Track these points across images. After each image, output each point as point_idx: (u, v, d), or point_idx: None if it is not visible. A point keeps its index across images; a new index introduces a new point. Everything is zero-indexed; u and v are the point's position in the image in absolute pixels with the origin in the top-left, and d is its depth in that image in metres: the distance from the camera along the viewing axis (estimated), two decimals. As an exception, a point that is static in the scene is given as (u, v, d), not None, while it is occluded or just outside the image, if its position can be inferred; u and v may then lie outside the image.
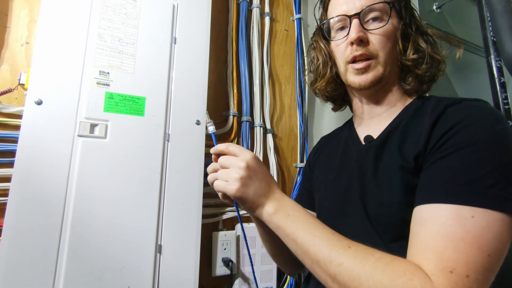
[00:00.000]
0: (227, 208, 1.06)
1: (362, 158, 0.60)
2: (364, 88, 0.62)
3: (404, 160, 0.51)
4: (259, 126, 1.17)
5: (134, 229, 0.77)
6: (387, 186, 0.53)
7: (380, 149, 0.57)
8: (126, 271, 0.75)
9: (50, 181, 0.71)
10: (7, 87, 0.80)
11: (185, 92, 0.91)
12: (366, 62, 0.60)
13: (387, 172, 0.54)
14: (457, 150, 0.45)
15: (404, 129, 0.56)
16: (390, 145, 0.56)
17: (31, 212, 0.68)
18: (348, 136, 0.71)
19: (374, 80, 0.60)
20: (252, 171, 0.54)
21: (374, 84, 0.61)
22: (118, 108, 0.81)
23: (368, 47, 0.60)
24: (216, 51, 1.14)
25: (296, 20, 1.37)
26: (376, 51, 0.60)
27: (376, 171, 0.56)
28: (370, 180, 0.56)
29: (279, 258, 0.77)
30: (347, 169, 0.63)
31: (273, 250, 0.76)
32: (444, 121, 0.50)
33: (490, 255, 0.39)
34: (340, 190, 0.63)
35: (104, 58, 0.81)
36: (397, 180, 0.51)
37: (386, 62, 0.60)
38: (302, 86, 1.32)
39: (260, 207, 0.54)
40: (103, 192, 0.75)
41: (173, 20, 0.92)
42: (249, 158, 0.54)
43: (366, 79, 0.60)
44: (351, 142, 0.68)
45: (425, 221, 0.44)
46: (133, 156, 0.80)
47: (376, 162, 0.57)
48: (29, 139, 0.70)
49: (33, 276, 0.66)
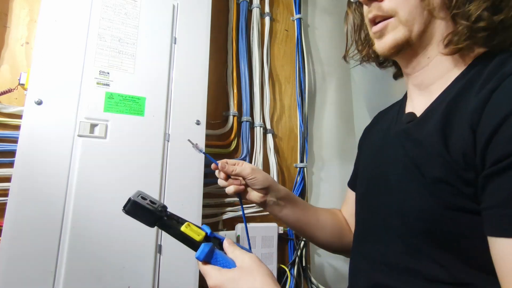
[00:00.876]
0: (227, 208, 1.07)
1: (397, 142, 0.49)
2: (387, 56, 0.51)
3: (447, 153, 0.39)
4: (259, 126, 1.17)
5: (134, 229, 0.77)
6: (416, 186, 0.43)
7: (417, 133, 0.46)
8: (126, 271, 0.75)
9: (50, 181, 0.71)
10: (7, 87, 0.80)
11: (185, 92, 0.91)
12: (381, 24, 0.48)
13: (420, 166, 0.42)
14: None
15: (448, 107, 0.42)
16: (429, 128, 0.43)
17: (31, 212, 0.68)
18: (399, 110, 0.57)
19: (394, 45, 0.48)
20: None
21: (397, 49, 0.48)
22: (118, 108, 0.81)
23: (381, 5, 0.48)
24: (216, 51, 1.14)
25: (296, 20, 1.37)
26: (393, 9, 0.47)
27: (405, 162, 0.45)
28: (398, 174, 0.46)
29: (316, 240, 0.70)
30: (382, 155, 0.53)
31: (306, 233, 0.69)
32: (491, 109, 0.36)
33: None
34: (372, 180, 0.54)
35: (104, 58, 0.81)
36: (432, 179, 0.40)
37: (412, 18, 0.46)
38: (302, 86, 1.32)
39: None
40: (103, 192, 0.75)
41: (173, 20, 0.92)
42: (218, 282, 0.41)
43: (384, 45, 0.49)
44: (396, 119, 0.55)
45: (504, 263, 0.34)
46: (133, 156, 0.80)
47: (406, 150, 0.46)
48: (29, 139, 0.70)
49: (33, 276, 0.66)
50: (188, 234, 0.44)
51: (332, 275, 1.27)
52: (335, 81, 1.48)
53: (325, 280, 1.25)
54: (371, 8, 0.49)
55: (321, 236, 0.67)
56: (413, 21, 0.46)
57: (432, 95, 0.47)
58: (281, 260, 1.15)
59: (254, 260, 0.43)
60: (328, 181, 1.34)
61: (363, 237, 0.55)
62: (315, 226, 0.66)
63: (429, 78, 0.49)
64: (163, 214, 0.45)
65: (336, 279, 1.27)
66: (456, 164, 0.38)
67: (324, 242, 0.69)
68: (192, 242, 0.44)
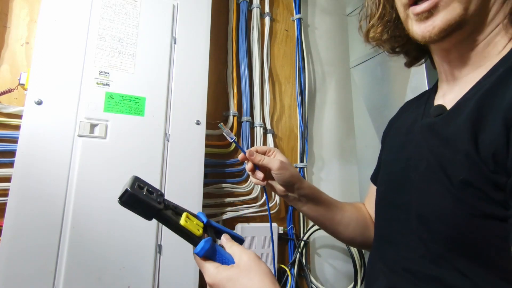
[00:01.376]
0: (227, 208, 1.07)
1: (421, 138, 0.45)
2: (432, 41, 0.42)
3: (476, 153, 0.35)
4: (259, 126, 1.17)
5: (134, 229, 0.77)
6: (438, 188, 0.39)
7: (443, 129, 0.41)
8: (126, 271, 0.75)
9: (50, 181, 0.71)
10: (7, 87, 0.80)
11: (185, 92, 0.91)
12: (430, 2, 0.40)
13: (445, 166, 0.38)
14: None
15: (481, 100, 0.37)
16: (458, 124, 0.38)
17: (31, 212, 0.68)
18: (427, 102, 0.51)
19: (445, 27, 0.40)
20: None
21: (448, 33, 0.40)
22: (118, 108, 0.81)
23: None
24: (216, 51, 1.14)
25: (296, 20, 1.37)
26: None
27: (429, 160, 0.41)
28: (420, 174, 0.42)
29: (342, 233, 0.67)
30: (406, 151, 0.48)
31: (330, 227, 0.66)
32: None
33: None
34: (393, 178, 0.50)
35: (104, 58, 0.81)
36: (457, 182, 0.36)
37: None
38: (302, 86, 1.32)
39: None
40: (103, 192, 0.75)
41: (173, 20, 0.92)
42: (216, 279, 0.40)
43: (433, 28, 0.40)
44: (423, 112, 0.49)
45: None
46: (133, 156, 0.80)
47: (431, 147, 0.42)
48: (29, 139, 0.70)
49: (33, 276, 0.66)
50: (187, 229, 0.43)
51: (332, 275, 1.27)
52: (335, 81, 1.48)
53: (325, 280, 1.25)
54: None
55: (344, 232, 0.65)
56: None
57: (467, 85, 0.41)
58: (281, 260, 1.15)
59: (253, 258, 0.41)
60: (328, 181, 1.34)
61: (382, 239, 0.52)
62: (338, 223, 0.64)
63: (468, 66, 0.43)
64: (161, 206, 0.43)
65: (336, 279, 1.27)
66: (485, 166, 0.34)
67: (346, 237, 0.66)
68: (191, 237, 0.43)
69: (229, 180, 1.08)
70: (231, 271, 0.40)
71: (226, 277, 0.40)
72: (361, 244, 0.67)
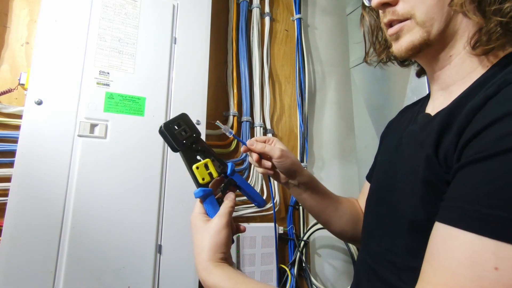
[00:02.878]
0: (227, 208, 1.06)
1: (406, 143, 0.49)
2: (406, 58, 0.49)
3: (435, 157, 0.40)
4: (259, 126, 1.17)
5: (134, 229, 0.77)
6: (411, 187, 0.43)
7: (421, 135, 0.45)
8: (126, 271, 0.75)
9: (50, 181, 0.71)
10: (7, 87, 0.80)
11: (185, 92, 0.91)
12: (396, 26, 0.47)
13: (417, 168, 0.42)
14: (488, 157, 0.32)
15: (451, 110, 0.41)
16: (430, 130, 0.43)
17: (31, 212, 0.68)
18: (420, 108, 0.55)
19: (410, 47, 0.46)
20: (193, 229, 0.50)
21: (415, 51, 0.46)
22: (118, 108, 0.81)
23: (396, 9, 0.46)
24: (216, 51, 1.14)
25: (296, 20, 1.37)
26: (408, 11, 0.45)
27: (409, 164, 0.45)
28: (402, 175, 0.47)
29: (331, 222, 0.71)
30: (397, 154, 0.52)
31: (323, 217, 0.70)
32: (481, 116, 0.35)
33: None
34: (386, 176, 0.54)
35: (104, 58, 0.81)
36: (422, 181, 0.41)
37: (430, 19, 0.44)
38: (302, 86, 1.32)
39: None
40: (103, 192, 0.75)
41: (173, 20, 0.92)
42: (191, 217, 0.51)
43: (400, 48, 0.47)
44: (414, 119, 0.54)
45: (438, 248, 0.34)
46: (133, 156, 0.80)
47: (410, 152, 0.46)
48: (29, 139, 0.70)
49: (33, 276, 0.66)
50: (194, 174, 0.49)
51: (332, 275, 1.27)
52: (335, 81, 1.48)
53: (325, 280, 1.25)
54: (385, 13, 0.48)
55: (336, 223, 0.68)
56: (431, 21, 0.44)
57: (452, 96, 0.45)
58: (281, 260, 1.15)
59: (219, 226, 0.48)
60: (328, 181, 1.34)
61: (368, 233, 0.55)
62: (332, 214, 0.67)
63: (451, 77, 0.47)
64: (181, 148, 0.50)
65: (336, 279, 1.27)
66: (440, 167, 0.39)
67: (338, 229, 0.70)
68: (195, 181, 0.50)
69: (229, 180, 1.08)
70: (200, 222, 0.49)
71: (195, 224, 0.50)
72: (351, 238, 0.70)
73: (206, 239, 0.47)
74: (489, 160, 0.31)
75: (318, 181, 0.68)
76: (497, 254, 0.29)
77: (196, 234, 0.49)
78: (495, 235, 0.29)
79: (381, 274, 0.48)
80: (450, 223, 0.33)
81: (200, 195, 0.49)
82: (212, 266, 0.46)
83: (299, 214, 1.24)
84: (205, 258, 0.46)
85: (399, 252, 0.45)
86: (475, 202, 0.31)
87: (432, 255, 0.35)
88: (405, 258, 0.44)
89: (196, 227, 0.49)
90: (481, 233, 0.30)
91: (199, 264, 0.47)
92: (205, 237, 0.48)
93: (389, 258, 0.47)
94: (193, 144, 0.51)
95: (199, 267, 0.47)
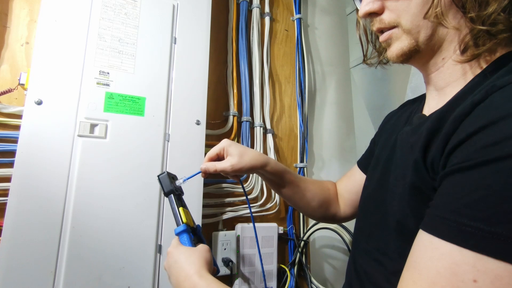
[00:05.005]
0: (227, 208, 1.07)
1: (399, 145, 0.49)
2: (398, 63, 0.50)
3: (423, 161, 0.40)
4: (259, 126, 1.17)
5: (134, 229, 0.77)
6: (400, 190, 0.44)
7: (412, 137, 0.45)
8: (126, 271, 0.75)
9: (50, 181, 0.71)
10: (7, 87, 0.80)
11: (185, 92, 0.91)
12: (385, 34, 0.48)
13: (406, 170, 0.43)
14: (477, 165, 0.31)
15: (441, 114, 0.41)
16: (420, 134, 0.43)
17: (31, 212, 0.68)
18: (417, 109, 0.55)
19: (400, 53, 0.47)
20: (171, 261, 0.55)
21: (406, 57, 0.47)
22: (118, 108, 0.81)
23: (382, 18, 0.48)
24: (216, 51, 1.14)
25: (296, 20, 1.37)
26: (394, 20, 0.46)
27: (400, 166, 0.46)
28: (394, 177, 0.47)
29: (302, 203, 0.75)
30: (392, 153, 0.52)
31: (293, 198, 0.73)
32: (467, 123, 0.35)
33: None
34: (376, 182, 0.54)
35: (104, 58, 0.81)
36: (409, 185, 0.41)
37: (416, 26, 0.45)
38: (302, 86, 1.32)
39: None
40: (103, 192, 0.75)
41: (173, 20, 0.92)
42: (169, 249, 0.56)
43: (392, 54, 0.48)
44: (410, 117, 0.55)
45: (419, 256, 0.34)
46: (133, 156, 0.80)
47: (402, 153, 0.47)
48: (29, 139, 0.70)
49: (33, 276, 0.66)
50: (180, 213, 0.59)
51: (332, 275, 1.27)
52: (335, 81, 1.48)
53: (325, 280, 1.25)
54: (374, 21, 0.49)
55: (304, 208, 0.74)
56: (417, 28, 0.45)
57: (446, 97, 0.45)
58: (281, 260, 1.15)
59: (205, 248, 0.54)
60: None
61: (360, 230, 0.56)
62: (299, 201, 0.72)
63: (444, 79, 0.47)
64: (175, 194, 0.61)
65: (336, 279, 1.27)
66: (427, 172, 0.39)
67: (306, 213, 0.77)
68: (178, 219, 0.59)
69: (229, 180, 1.08)
70: (184, 247, 0.55)
71: (179, 250, 0.54)
72: (321, 218, 0.77)
73: (195, 255, 0.52)
74: (470, 171, 0.31)
75: (286, 171, 0.70)
76: (476, 267, 0.29)
77: (179, 256, 0.53)
78: (475, 247, 0.29)
79: (371, 275, 0.48)
80: (432, 232, 0.33)
81: (183, 229, 0.57)
82: (204, 272, 0.49)
83: (299, 214, 1.24)
84: (199, 266, 0.50)
85: (389, 254, 0.45)
86: (456, 212, 0.31)
87: (413, 262, 0.35)
88: (395, 261, 0.43)
89: (180, 251, 0.53)
90: (461, 244, 0.30)
91: (190, 272, 0.49)
92: (194, 255, 0.52)
93: (380, 259, 0.47)
94: (180, 196, 0.63)
95: (191, 273, 0.49)
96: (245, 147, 0.65)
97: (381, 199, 0.50)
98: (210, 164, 0.62)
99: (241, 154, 0.62)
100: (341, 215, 0.73)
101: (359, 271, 0.52)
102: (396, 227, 0.44)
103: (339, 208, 0.73)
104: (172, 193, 0.60)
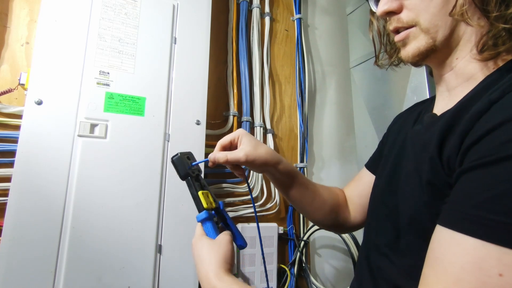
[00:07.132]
0: (227, 208, 1.06)
1: (410, 143, 0.50)
2: (413, 63, 0.50)
3: (439, 159, 0.40)
4: (259, 126, 1.17)
5: (134, 229, 0.77)
6: (413, 188, 0.44)
7: (424, 135, 0.46)
8: (126, 271, 0.75)
9: (50, 181, 0.71)
10: (7, 87, 0.80)
11: (185, 92, 0.91)
12: (403, 34, 0.48)
13: (420, 168, 0.43)
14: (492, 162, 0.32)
15: (455, 112, 0.41)
16: (434, 132, 0.43)
17: (31, 212, 0.68)
18: (427, 108, 0.55)
19: (416, 53, 0.47)
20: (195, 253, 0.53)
21: (422, 57, 0.47)
22: (118, 108, 0.81)
23: (400, 17, 0.47)
24: (216, 51, 1.14)
25: (296, 20, 1.37)
26: (413, 19, 0.46)
27: (412, 164, 0.46)
28: (405, 175, 0.47)
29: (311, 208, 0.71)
30: (403, 153, 0.52)
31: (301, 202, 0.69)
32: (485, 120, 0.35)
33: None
34: (391, 173, 0.53)
35: (104, 58, 0.81)
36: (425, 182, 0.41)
37: (435, 25, 0.45)
38: (302, 86, 1.32)
39: None
40: (103, 192, 0.75)
41: (173, 20, 0.92)
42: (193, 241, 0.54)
43: (407, 54, 0.48)
44: (420, 116, 0.55)
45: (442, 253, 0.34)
46: (133, 156, 0.80)
47: (415, 152, 0.47)
48: (29, 139, 0.70)
49: (33, 276, 0.66)
50: (200, 198, 0.54)
51: (332, 275, 1.27)
52: (335, 81, 1.48)
53: (325, 280, 1.25)
54: (391, 20, 0.49)
55: (313, 214, 0.69)
56: (436, 28, 0.45)
57: (457, 97, 0.45)
58: (281, 260, 1.15)
59: (224, 240, 0.51)
60: (328, 181, 1.34)
61: (372, 229, 0.56)
62: (308, 205, 0.68)
63: (455, 79, 0.48)
64: (192, 176, 0.56)
65: (336, 279, 1.27)
66: (443, 169, 0.39)
67: (315, 220, 0.72)
68: (199, 205, 0.54)
69: (229, 180, 1.08)
70: (206, 239, 0.52)
71: (201, 242, 0.52)
72: (330, 227, 0.73)
73: (214, 251, 0.50)
74: (491, 167, 0.32)
75: (298, 172, 0.66)
76: (502, 261, 0.29)
77: (201, 249, 0.51)
78: (499, 241, 0.29)
79: (384, 271, 0.48)
80: (453, 228, 0.33)
81: (205, 216, 0.53)
82: (223, 273, 0.47)
83: (299, 214, 1.24)
84: (217, 266, 0.48)
85: (400, 249, 0.46)
86: (478, 207, 0.31)
87: (434, 259, 0.34)
88: (407, 257, 0.44)
89: (202, 244, 0.51)
90: (485, 238, 0.30)
91: (209, 272, 0.48)
92: (214, 249, 0.50)
93: (391, 256, 0.47)
94: (198, 176, 0.57)
95: (210, 274, 0.48)
96: (259, 141, 0.61)
97: (391, 196, 0.50)
98: (221, 155, 0.57)
99: (256, 145, 0.59)
100: (351, 222, 0.69)
101: (372, 267, 0.52)
102: (409, 222, 0.44)
103: (349, 215, 0.70)
104: (188, 175, 0.56)
